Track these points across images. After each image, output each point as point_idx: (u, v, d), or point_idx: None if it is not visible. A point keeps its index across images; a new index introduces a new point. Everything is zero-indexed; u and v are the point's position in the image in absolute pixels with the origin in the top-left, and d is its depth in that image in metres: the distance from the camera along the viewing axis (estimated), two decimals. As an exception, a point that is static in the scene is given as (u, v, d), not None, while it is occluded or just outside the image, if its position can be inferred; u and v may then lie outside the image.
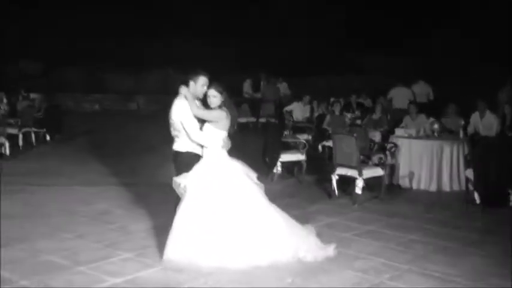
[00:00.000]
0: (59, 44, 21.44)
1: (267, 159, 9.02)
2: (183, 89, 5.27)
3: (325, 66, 20.32)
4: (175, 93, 5.38)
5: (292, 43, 21.01)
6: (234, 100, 5.70)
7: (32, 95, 14.79)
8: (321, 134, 11.37)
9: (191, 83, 5.28)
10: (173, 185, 5.14)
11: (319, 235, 5.53)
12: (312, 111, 13.70)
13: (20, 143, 11.91)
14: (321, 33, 21.08)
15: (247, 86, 17.39)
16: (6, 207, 6.80)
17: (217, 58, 19.23)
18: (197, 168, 5.15)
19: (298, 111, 13.62)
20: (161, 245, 5.15)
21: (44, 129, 12.96)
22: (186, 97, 5.22)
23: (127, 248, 5.38)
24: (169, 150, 5.51)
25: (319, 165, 9.50)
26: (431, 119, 9.71)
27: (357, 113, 12.94)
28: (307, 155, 9.21)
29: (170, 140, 5.47)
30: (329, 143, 9.79)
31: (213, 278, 4.63)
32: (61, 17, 21.53)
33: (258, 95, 16.51)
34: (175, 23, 22.11)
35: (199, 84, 5.27)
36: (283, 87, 16.80)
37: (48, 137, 13.03)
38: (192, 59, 16.23)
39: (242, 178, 5.19)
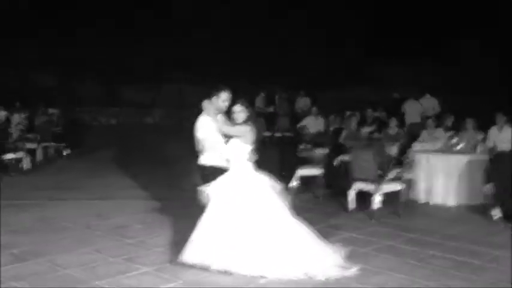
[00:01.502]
0: (76, 58, 21.72)
1: (283, 173, 9.01)
2: (206, 104, 5.39)
3: (342, 78, 20.36)
4: (190, 107, 5.48)
5: (308, 55, 21.08)
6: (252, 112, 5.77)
7: (51, 110, 15.00)
8: (337, 149, 11.32)
9: (214, 98, 5.43)
10: (198, 195, 5.26)
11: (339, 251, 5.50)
12: (327, 124, 13.64)
13: (39, 157, 12.05)
14: (339, 46, 21.11)
15: (259, 100, 17.44)
16: (24, 222, 6.89)
17: (232, 70, 19.33)
18: (222, 178, 5.26)
19: (311, 125, 13.59)
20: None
21: (63, 144, 13.13)
22: (212, 115, 5.36)
23: (145, 263, 5.39)
24: (186, 163, 5.55)
25: (336, 179, 9.45)
26: (450, 133, 9.63)
27: (374, 127, 12.88)
28: (324, 170, 9.17)
29: (188, 153, 5.53)
30: (346, 158, 9.75)
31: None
32: (78, 30, 21.80)
33: (270, 109, 16.53)
34: (192, 36, 22.28)
35: (221, 99, 5.43)
36: (304, 101, 16.79)
37: (66, 152, 13.19)
38: (209, 72, 16.37)
39: (266, 190, 5.25)
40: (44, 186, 9.36)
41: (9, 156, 10.93)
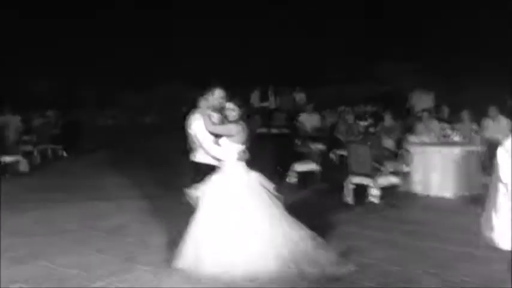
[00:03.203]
0: (74, 60, 21.70)
1: (280, 169, 9.05)
2: (201, 102, 5.42)
3: (337, 74, 20.39)
4: (187, 106, 5.49)
5: (304, 51, 21.10)
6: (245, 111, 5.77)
7: (48, 112, 14.99)
8: (334, 143, 11.37)
9: (208, 96, 5.44)
10: (187, 197, 5.22)
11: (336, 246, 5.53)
12: (323, 120, 13.69)
13: (37, 160, 12.06)
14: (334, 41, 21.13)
15: (254, 97, 17.46)
16: (23, 224, 6.90)
17: (227, 69, 19.33)
18: (211, 179, 5.22)
19: (307, 121, 13.63)
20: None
21: (61, 146, 13.12)
22: (203, 113, 5.36)
23: (145, 262, 5.41)
24: (184, 162, 5.57)
25: (333, 174, 9.50)
26: (445, 125, 9.68)
27: (370, 120, 12.92)
28: (321, 165, 9.21)
29: (185, 153, 5.54)
30: (343, 152, 9.80)
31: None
32: (77, 32, 21.78)
33: (265, 105, 16.57)
34: (186, 37, 22.28)
35: (216, 96, 5.44)
36: (299, 97, 16.87)
37: (65, 153, 13.19)
38: (203, 73, 16.39)
39: (257, 189, 5.20)
40: (41, 188, 9.37)
41: (6, 159, 10.93)
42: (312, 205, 7.92)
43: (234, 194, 5.12)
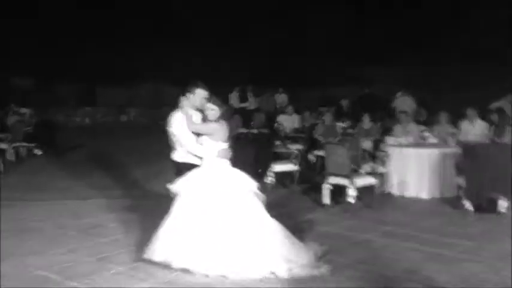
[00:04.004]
0: (50, 59, 21.43)
1: (259, 170, 9.02)
2: (183, 101, 5.42)
3: (320, 77, 20.53)
4: (166, 106, 5.45)
5: (285, 53, 21.21)
6: (227, 109, 5.78)
7: (23, 110, 14.74)
8: (312, 144, 11.39)
9: (190, 95, 5.44)
10: (169, 191, 5.22)
11: (313, 247, 5.51)
12: (302, 121, 13.73)
13: (12, 157, 11.84)
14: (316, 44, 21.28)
15: (233, 98, 17.43)
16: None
17: (209, 70, 19.30)
18: (189, 175, 5.21)
19: (286, 122, 13.66)
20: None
21: (34, 144, 12.89)
22: (184, 112, 5.36)
23: (120, 262, 5.33)
24: (162, 162, 5.52)
25: (312, 175, 9.51)
26: (422, 127, 9.74)
27: (348, 122, 13.00)
28: (300, 165, 9.21)
29: (162, 152, 5.49)
30: (321, 153, 9.81)
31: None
32: (53, 31, 21.53)
33: (245, 105, 16.56)
34: (168, 35, 22.17)
35: (197, 96, 5.43)
36: (281, 98, 16.92)
37: (39, 152, 12.96)
38: (184, 72, 16.31)
39: (237, 188, 5.18)
40: (14, 187, 9.19)
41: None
42: (290, 205, 7.91)
43: (212, 191, 5.09)
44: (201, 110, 5.45)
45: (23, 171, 11.08)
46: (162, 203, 5.27)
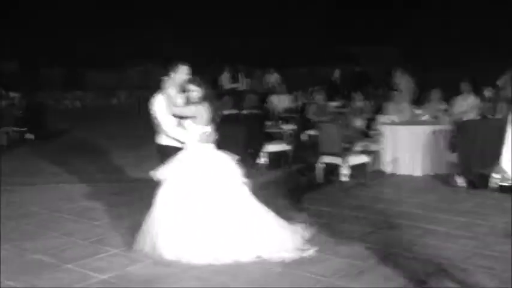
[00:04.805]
0: (37, 42, 21.15)
1: (251, 150, 9.01)
2: (166, 83, 5.24)
3: (310, 56, 20.45)
4: (156, 88, 5.35)
5: (276, 34, 21.08)
6: (215, 92, 5.67)
7: (12, 94, 14.55)
8: (305, 124, 11.37)
9: (172, 73, 5.26)
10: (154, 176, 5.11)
11: (305, 223, 5.54)
12: (295, 101, 13.69)
13: (3, 142, 11.75)
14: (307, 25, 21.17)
15: (224, 79, 17.33)
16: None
17: (198, 50, 19.18)
18: (173, 160, 5.09)
19: (277, 102, 13.60)
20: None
21: (25, 128, 12.77)
22: (167, 95, 5.19)
23: (114, 244, 5.33)
24: (152, 145, 5.48)
25: (305, 154, 9.50)
26: (414, 106, 9.74)
27: (341, 102, 12.99)
28: (292, 145, 9.20)
29: (153, 135, 5.44)
30: (314, 132, 9.81)
31: (201, 271, 4.61)
32: (39, 13, 21.21)
33: (235, 86, 16.49)
34: (155, 17, 21.97)
35: (180, 73, 5.25)
36: (274, 78, 16.83)
37: (30, 136, 12.85)
38: (173, 53, 16.19)
39: (222, 171, 5.06)
40: (6, 172, 9.10)
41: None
42: (283, 185, 7.92)
43: (195, 176, 4.98)
44: (184, 91, 5.24)
45: (13, 156, 10.98)
46: (153, 186, 5.23)
